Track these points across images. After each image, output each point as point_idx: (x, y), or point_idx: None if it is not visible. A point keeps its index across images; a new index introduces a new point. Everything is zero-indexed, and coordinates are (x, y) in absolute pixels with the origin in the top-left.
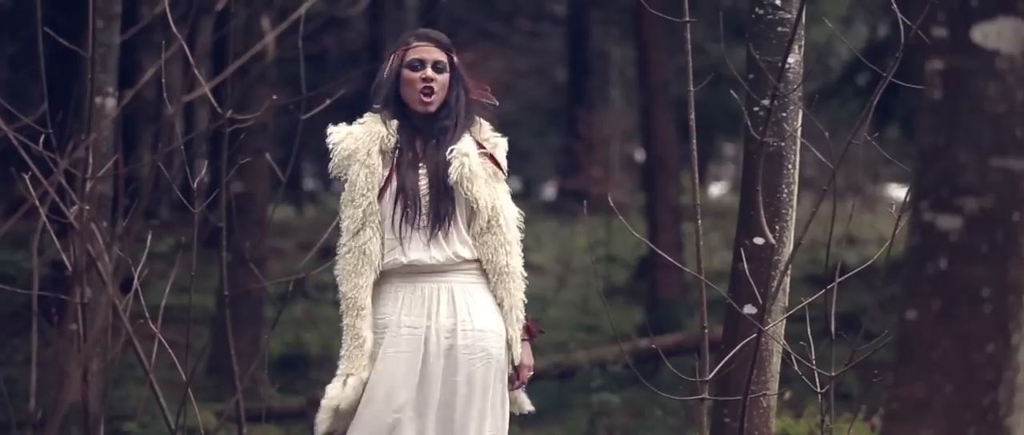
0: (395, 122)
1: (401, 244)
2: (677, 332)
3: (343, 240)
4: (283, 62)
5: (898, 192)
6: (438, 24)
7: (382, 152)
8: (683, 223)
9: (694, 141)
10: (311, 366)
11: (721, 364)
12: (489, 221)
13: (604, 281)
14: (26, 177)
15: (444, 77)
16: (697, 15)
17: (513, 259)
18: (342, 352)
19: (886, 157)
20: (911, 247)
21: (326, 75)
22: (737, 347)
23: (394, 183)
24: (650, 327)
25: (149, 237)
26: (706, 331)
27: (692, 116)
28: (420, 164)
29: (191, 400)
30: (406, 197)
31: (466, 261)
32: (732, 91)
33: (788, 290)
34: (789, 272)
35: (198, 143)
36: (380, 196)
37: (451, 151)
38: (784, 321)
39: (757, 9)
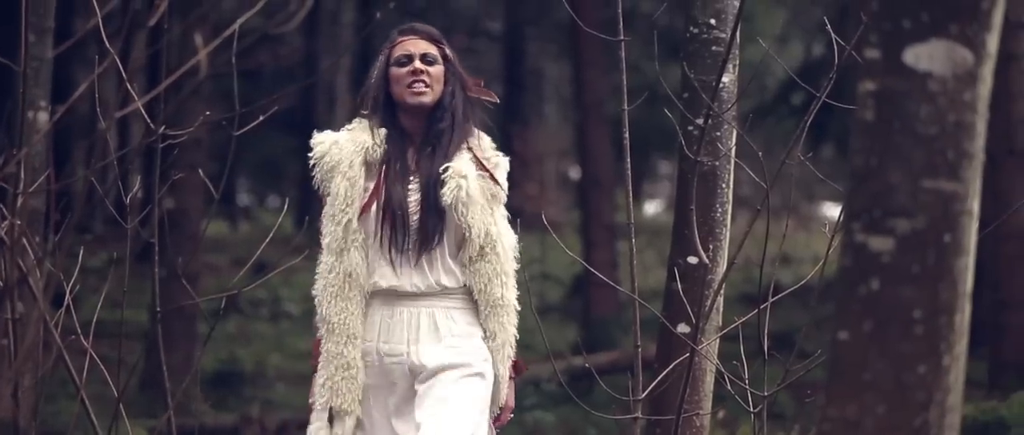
0: (383, 131)
1: (386, 266)
2: (611, 350)
3: (324, 258)
4: (218, 77)
5: (833, 211)
6: (373, 37)
7: (367, 163)
8: (618, 241)
9: (628, 160)
10: (245, 382)
11: (654, 383)
12: (482, 248)
13: (538, 299)
14: None
15: (436, 69)
16: (633, 33)
17: (508, 291)
18: (320, 381)
19: (817, 176)
20: (843, 268)
21: (261, 90)
22: (670, 366)
23: (380, 198)
24: (584, 345)
25: (82, 252)
26: (639, 350)
27: (626, 135)
28: (411, 177)
29: (123, 416)
30: (393, 215)
31: (449, 289)
32: (667, 110)
33: (722, 309)
34: (723, 291)
35: (132, 158)
36: (364, 212)
37: (446, 170)
38: (718, 340)
39: (692, 28)
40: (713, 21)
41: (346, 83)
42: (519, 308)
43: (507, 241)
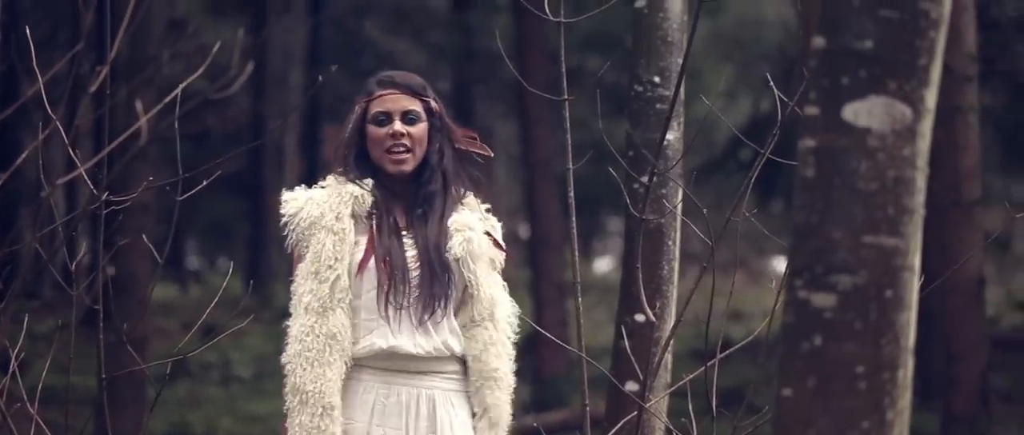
0: (369, 181)
1: (384, 325)
2: (562, 409)
3: (300, 321)
4: (164, 141)
5: (782, 265)
6: (320, 97)
7: (355, 216)
8: (568, 299)
9: (573, 219)
10: None
11: None
12: (479, 312)
13: None
14: None
15: (419, 129)
16: (580, 91)
17: (504, 362)
18: None
19: (765, 233)
20: (786, 324)
21: (209, 153)
22: (619, 424)
23: (377, 250)
24: (535, 405)
25: (27, 318)
26: (588, 408)
27: (571, 194)
28: (403, 233)
29: None
30: (392, 268)
31: (452, 357)
32: (611, 169)
33: (671, 366)
34: (671, 348)
35: (78, 223)
36: (362, 267)
37: (453, 222)
38: (667, 397)
39: (636, 87)
40: (657, 79)
41: (294, 145)
42: (514, 383)
43: (504, 310)
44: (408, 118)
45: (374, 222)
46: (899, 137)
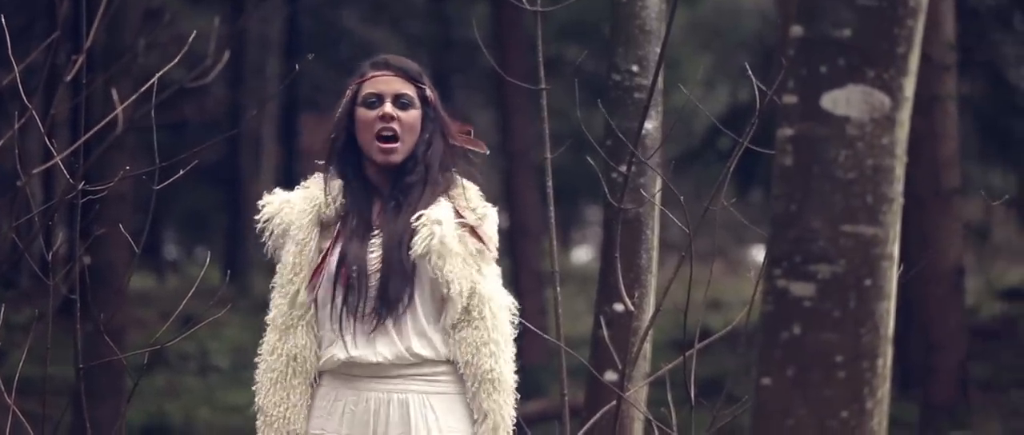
0: (337, 183)
1: (339, 337)
2: (541, 399)
3: (267, 337)
4: (141, 131)
5: (762, 254)
6: (297, 87)
7: (322, 224)
8: (546, 289)
9: (552, 208)
10: None
11: (582, 431)
12: (467, 311)
13: None
14: None
15: (411, 115)
16: (558, 80)
17: (501, 363)
18: None
19: (744, 222)
20: (765, 314)
21: (187, 143)
22: (598, 414)
23: (334, 257)
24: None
25: (3, 307)
26: (566, 398)
27: (549, 183)
28: (373, 233)
29: None
30: (347, 274)
31: (427, 362)
32: (590, 158)
33: (649, 356)
34: (650, 338)
35: (54, 213)
36: (314, 278)
37: (418, 217)
38: (646, 387)
39: (614, 75)
40: (635, 68)
41: (272, 134)
42: (517, 382)
43: (497, 303)
44: (400, 102)
45: (339, 227)
46: (878, 125)
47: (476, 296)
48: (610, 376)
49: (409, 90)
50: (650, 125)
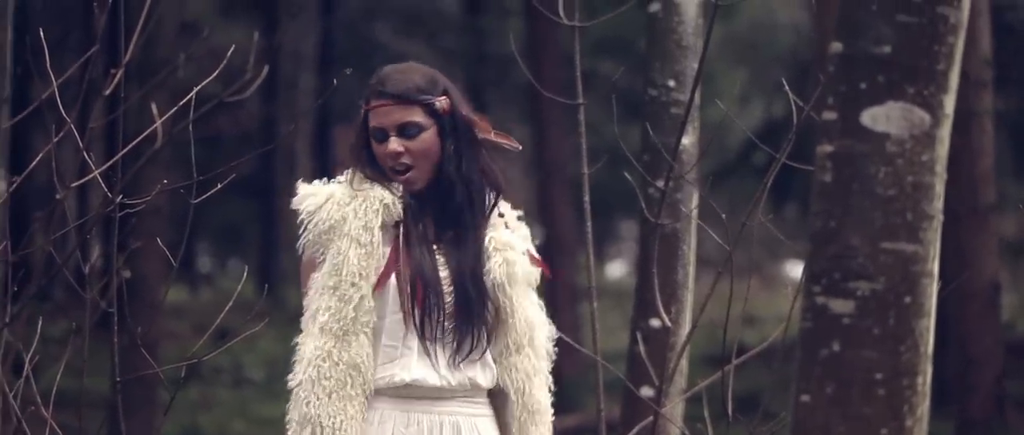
0: (399, 186)
1: (407, 355)
2: (576, 413)
3: (313, 341)
4: (176, 144)
5: (797, 269)
6: (331, 100)
7: (383, 225)
8: (580, 303)
9: (589, 223)
10: None
11: None
12: (517, 338)
13: None
14: None
15: (421, 141)
16: (593, 94)
17: (546, 394)
18: None
19: (780, 238)
20: (804, 330)
21: (221, 156)
22: (635, 430)
23: (406, 268)
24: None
25: (41, 321)
26: (603, 413)
27: (587, 198)
28: (434, 247)
29: None
30: (426, 289)
31: (479, 388)
32: (626, 173)
33: (686, 371)
34: (686, 353)
35: (91, 227)
36: (380, 285)
37: (490, 242)
38: (682, 403)
39: (650, 91)
40: (672, 83)
41: (306, 147)
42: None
43: (544, 330)
44: (407, 133)
45: (401, 231)
46: (918, 142)
47: (529, 324)
48: (647, 391)
49: (414, 115)
50: (687, 140)
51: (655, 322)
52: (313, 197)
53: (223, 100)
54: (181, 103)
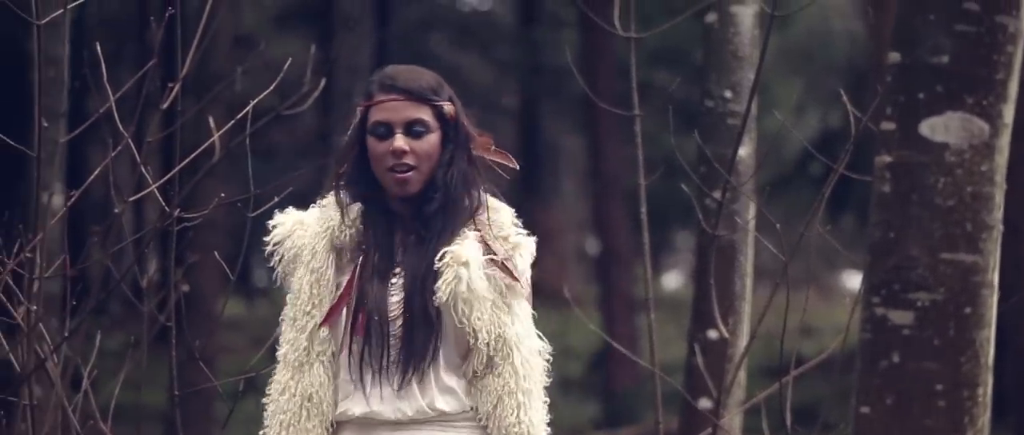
0: (355, 206)
1: (357, 390)
2: (633, 425)
3: (278, 375)
4: (233, 157)
5: (854, 280)
6: None
7: (337, 250)
8: (637, 315)
9: (647, 234)
10: None
11: None
12: (490, 358)
13: (559, 374)
14: None
15: (427, 142)
16: (648, 104)
17: (530, 414)
18: None
19: (837, 248)
20: (863, 341)
21: (276, 169)
22: None
23: (352, 299)
24: (606, 421)
25: (99, 335)
26: (660, 425)
27: (644, 209)
28: (394, 271)
29: None
30: (368, 321)
31: (448, 415)
32: (683, 184)
33: (744, 383)
34: (744, 365)
35: (149, 240)
36: (330, 316)
37: (442, 256)
38: (740, 414)
39: (707, 102)
40: (728, 93)
41: None
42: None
43: (528, 347)
44: (413, 131)
45: (359, 260)
46: (977, 152)
47: (503, 342)
48: (704, 403)
49: (423, 113)
50: (744, 151)
51: (713, 333)
52: (281, 226)
53: (280, 113)
54: (238, 116)
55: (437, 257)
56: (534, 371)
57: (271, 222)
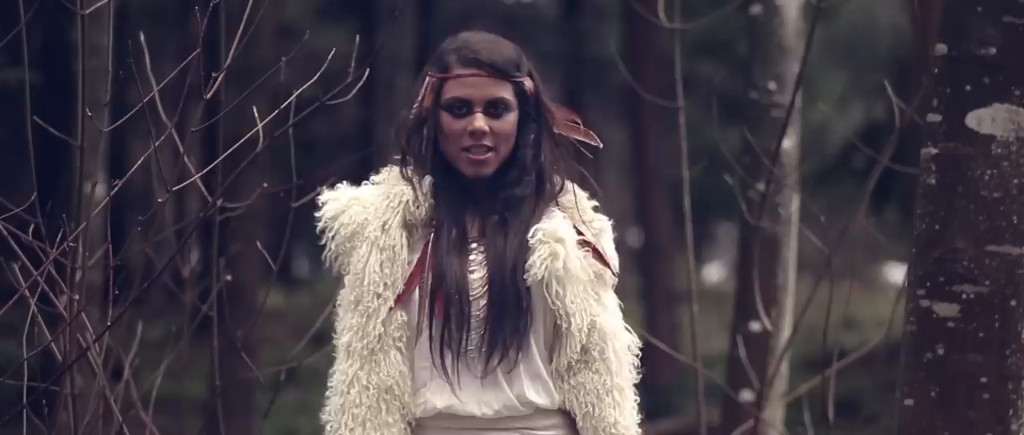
0: (428, 180)
1: (434, 378)
2: (674, 417)
3: (342, 366)
4: (275, 148)
5: (897, 271)
6: None
7: (408, 226)
8: (679, 307)
9: (689, 226)
10: None
11: None
12: (586, 350)
13: None
14: (16, 266)
15: (507, 122)
16: (692, 97)
17: (626, 414)
18: None
19: (880, 240)
20: (908, 334)
21: (318, 159)
22: (734, 434)
23: (429, 275)
24: (647, 413)
25: (140, 325)
26: (703, 418)
27: (687, 201)
28: (472, 246)
29: None
30: (447, 299)
31: (540, 411)
32: (726, 176)
33: (787, 375)
34: (787, 357)
35: (191, 230)
36: (403, 297)
37: (535, 234)
38: (782, 407)
39: (751, 93)
40: (773, 85)
41: None
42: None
43: (622, 341)
44: (494, 110)
45: (432, 235)
46: (1023, 145)
47: (597, 332)
48: (746, 396)
49: (504, 91)
50: (788, 143)
51: (755, 326)
52: (334, 202)
53: (323, 103)
54: (281, 107)
55: (529, 234)
56: (626, 367)
57: (321, 198)
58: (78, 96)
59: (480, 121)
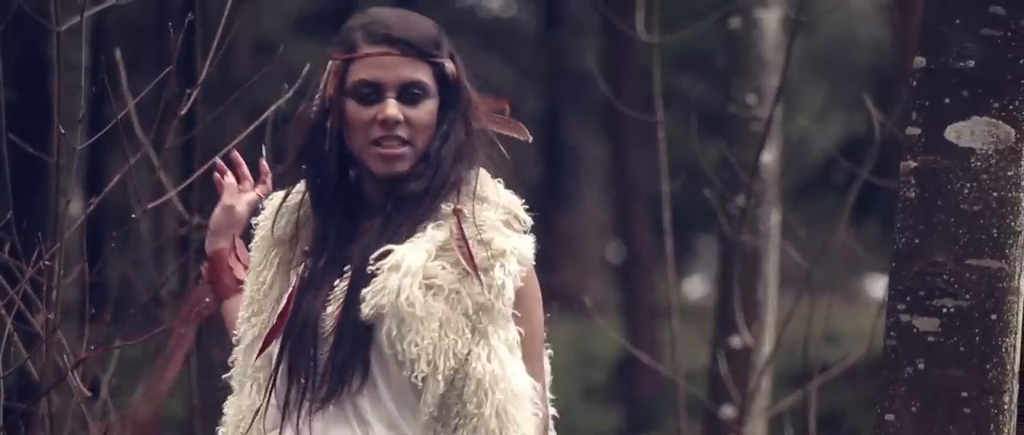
0: (297, 196)
1: (286, 417)
2: (656, 432)
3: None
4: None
5: (878, 284)
6: None
7: (281, 243)
8: (659, 321)
9: (670, 241)
10: None
11: None
12: (461, 401)
13: (581, 382)
14: None
15: (423, 110)
16: (672, 110)
17: None
18: None
19: (861, 254)
20: (888, 348)
21: (297, 174)
22: None
23: (287, 309)
24: (629, 428)
25: (118, 343)
26: (683, 434)
27: (667, 216)
28: (346, 270)
29: None
30: (290, 337)
31: None
32: (706, 190)
33: (768, 390)
34: (768, 372)
35: (167, 248)
36: (270, 337)
37: (380, 256)
38: (763, 422)
39: (731, 107)
40: (752, 99)
41: None
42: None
43: (509, 389)
44: (409, 94)
45: (305, 261)
46: (1003, 158)
47: (472, 381)
48: (727, 411)
49: (422, 74)
50: (767, 156)
51: (736, 340)
52: (264, 211)
53: (300, 118)
54: (257, 122)
55: (375, 256)
56: (517, 423)
57: (262, 203)
58: (53, 113)
59: (392, 108)
